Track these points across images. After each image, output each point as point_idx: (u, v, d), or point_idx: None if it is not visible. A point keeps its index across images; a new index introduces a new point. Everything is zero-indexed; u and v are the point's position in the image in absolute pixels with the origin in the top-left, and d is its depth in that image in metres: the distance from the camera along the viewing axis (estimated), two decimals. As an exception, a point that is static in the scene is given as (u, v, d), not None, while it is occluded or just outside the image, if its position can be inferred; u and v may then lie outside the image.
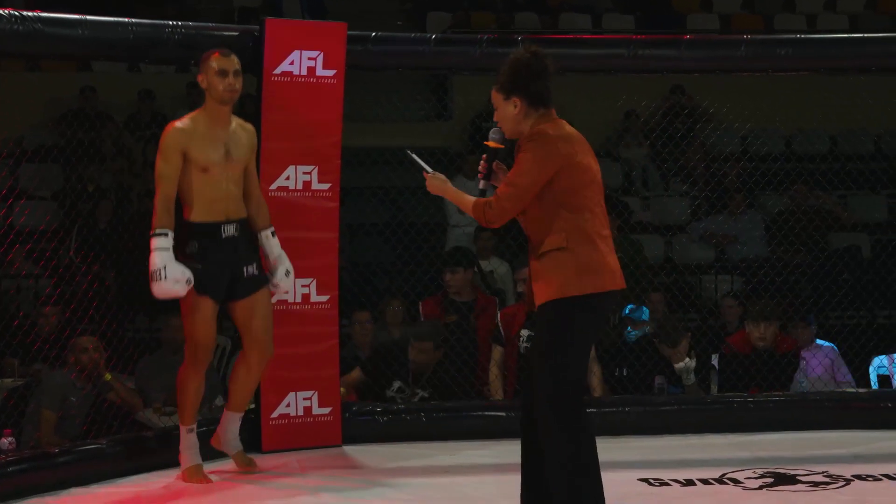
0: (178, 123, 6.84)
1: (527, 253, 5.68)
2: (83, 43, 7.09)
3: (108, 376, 8.18)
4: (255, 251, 7.02)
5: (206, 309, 6.80)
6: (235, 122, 6.98)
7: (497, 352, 8.97)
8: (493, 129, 5.70)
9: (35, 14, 6.78)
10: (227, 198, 6.85)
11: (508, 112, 5.59)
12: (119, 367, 8.41)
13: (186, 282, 6.63)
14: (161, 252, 6.62)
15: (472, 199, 5.65)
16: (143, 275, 6.72)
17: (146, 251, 6.65)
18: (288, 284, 7.16)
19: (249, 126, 7.07)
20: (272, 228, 7.10)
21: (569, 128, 5.58)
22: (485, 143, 5.74)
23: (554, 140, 5.45)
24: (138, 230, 9.34)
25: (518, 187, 5.46)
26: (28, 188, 10.70)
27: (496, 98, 5.63)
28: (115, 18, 7.21)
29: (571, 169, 5.45)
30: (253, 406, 7.34)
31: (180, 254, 6.72)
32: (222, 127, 6.87)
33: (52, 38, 6.91)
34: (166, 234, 6.65)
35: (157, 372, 8.79)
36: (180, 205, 6.84)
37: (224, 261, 6.82)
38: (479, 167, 5.74)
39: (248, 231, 6.98)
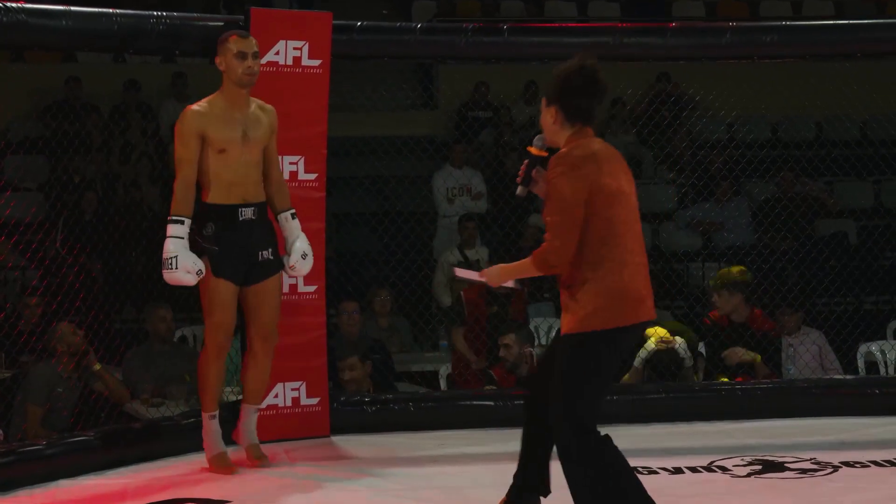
0: (195, 106, 6.80)
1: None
2: (68, 34, 7.06)
3: (97, 366, 8.16)
4: (273, 236, 6.97)
5: (226, 292, 6.76)
6: (255, 103, 6.94)
7: None
8: (537, 136, 5.57)
9: (19, 5, 6.75)
10: (246, 181, 6.80)
11: (547, 120, 5.45)
12: (106, 358, 8.40)
13: (197, 273, 6.59)
14: (175, 240, 6.57)
15: (528, 260, 5.42)
16: (130, 266, 6.68)
17: (132, 241, 6.61)
18: (305, 267, 7.10)
19: (270, 107, 7.02)
20: (292, 210, 7.05)
21: (599, 146, 5.39)
22: (527, 148, 5.60)
23: (579, 162, 5.27)
24: (124, 221, 9.33)
25: (560, 223, 5.27)
26: (13, 180, 10.67)
27: (543, 103, 5.49)
28: (100, 9, 7.18)
29: (598, 192, 5.27)
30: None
31: (197, 235, 6.69)
32: (240, 109, 6.83)
33: (37, 29, 6.88)
34: (182, 222, 6.60)
35: (144, 363, 8.77)
36: (199, 187, 6.79)
37: (241, 244, 6.77)
38: (519, 171, 5.60)
39: (265, 214, 6.93)
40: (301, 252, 7.04)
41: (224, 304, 6.78)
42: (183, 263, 6.55)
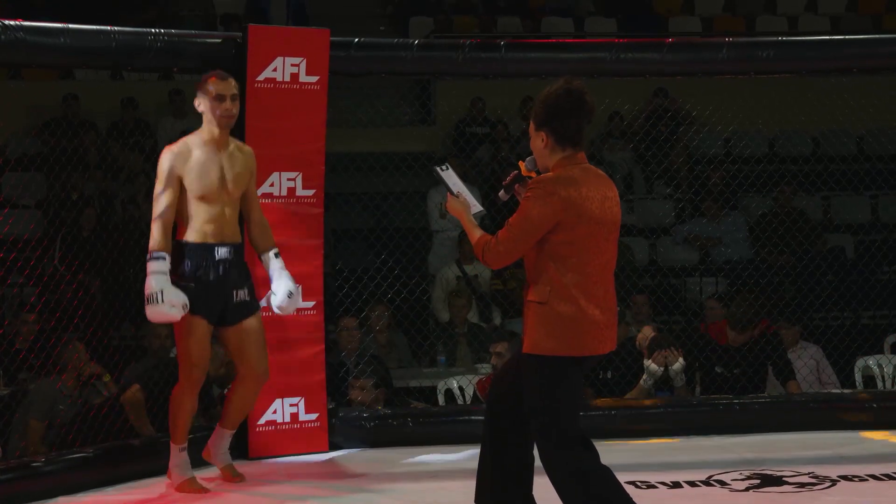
0: (174, 147, 6.78)
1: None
2: (66, 51, 7.08)
3: (107, 377, 8.16)
4: (248, 276, 6.95)
5: (200, 329, 6.74)
6: (233, 143, 6.92)
7: None
8: (529, 157, 5.59)
9: (17, 23, 6.76)
10: (222, 220, 6.79)
11: (537, 145, 5.48)
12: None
13: (182, 307, 6.58)
14: (157, 276, 6.57)
15: (479, 233, 5.54)
16: (128, 282, 6.67)
17: (130, 258, 6.61)
18: (292, 306, 7.06)
19: (248, 148, 7.00)
20: (276, 249, 7.03)
21: (579, 173, 5.40)
22: (519, 161, 5.66)
23: (554, 189, 5.31)
24: (122, 238, 9.34)
25: (516, 233, 5.36)
26: (11, 197, 10.69)
27: (530, 128, 5.54)
28: (98, 27, 7.19)
29: (571, 221, 5.30)
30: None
31: (173, 273, 6.67)
32: (219, 150, 6.81)
33: (35, 47, 6.90)
34: (164, 258, 6.61)
35: (142, 379, 8.75)
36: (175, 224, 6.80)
37: (216, 283, 6.76)
38: (507, 178, 5.69)
39: (241, 256, 6.92)
40: (287, 291, 6.98)
41: (199, 340, 6.76)
42: (168, 298, 6.54)
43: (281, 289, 6.98)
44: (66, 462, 6.99)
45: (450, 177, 5.78)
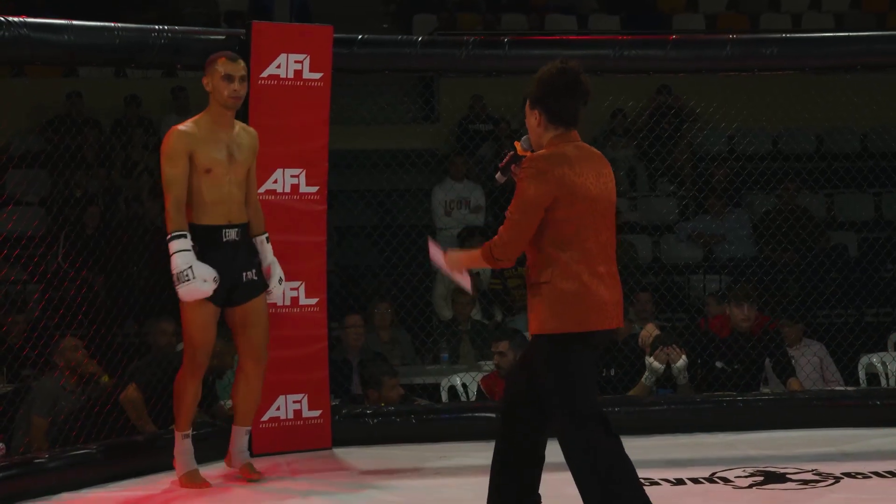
0: (181, 126, 6.81)
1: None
2: (69, 48, 7.07)
3: (105, 378, 8.16)
4: (255, 256, 6.99)
5: (207, 312, 6.76)
6: (238, 125, 6.96)
7: None
8: (525, 136, 5.60)
9: (21, 20, 6.76)
10: (230, 201, 6.83)
11: (531, 123, 5.47)
12: (108, 372, 8.39)
13: (214, 280, 6.61)
14: (183, 253, 6.59)
15: (477, 251, 5.49)
16: (132, 280, 6.66)
17: (134, 255, 6.59)
18: (280, 292, 7.17)
19: (252, 129, 7.05)
20: (266, 234, 7.07)
21: (572, 150, 5.39)
22: (514, 142, 5.66)
23: (548, 166, 5.29)
24: (126, 235, 9.34)
25: (516, 217, 5.33)
26: (15, 194, 10.69)
27: (526, 106, 5.51)
28: (102, 23, 7.20)
29: (567, 199, 5.28)
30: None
31: None
32: (225, 130, 6.84)
33: (39, 44, 6.89)
34: (185, 236, 6.62)
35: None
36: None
37: (224, 264, 6.77)
38: (503, 160, 5.67)
39: (248, 235, 6.95)
40: (278, 277, 7.08)
41: (205, 324, 6.78)
42: (199, 272, 6.57)
43: (273, 275, 7.05)
44: (69, 458, 6.99)
45: (437, 252, 5.71)
